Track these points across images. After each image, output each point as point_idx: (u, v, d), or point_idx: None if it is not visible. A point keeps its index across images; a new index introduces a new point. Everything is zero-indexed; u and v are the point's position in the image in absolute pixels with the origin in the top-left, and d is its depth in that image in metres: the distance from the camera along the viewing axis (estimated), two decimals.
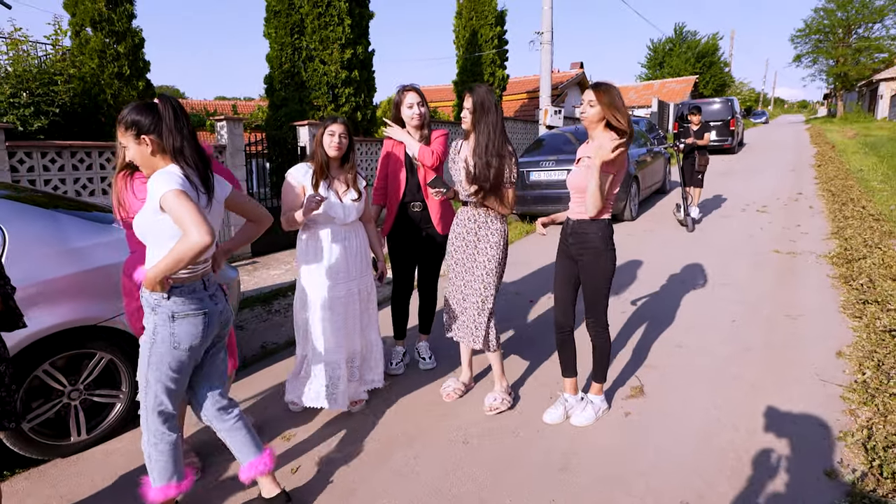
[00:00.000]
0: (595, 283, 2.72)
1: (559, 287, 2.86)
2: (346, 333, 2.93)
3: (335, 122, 2.85)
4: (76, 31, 6.30)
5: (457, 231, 3.01)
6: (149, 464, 2.06)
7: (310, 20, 8.76)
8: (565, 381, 2.97)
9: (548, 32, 12.47)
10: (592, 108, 2.60)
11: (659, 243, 6.76)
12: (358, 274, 2.97)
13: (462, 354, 3.24)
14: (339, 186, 2.89)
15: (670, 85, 32.50)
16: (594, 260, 2.70)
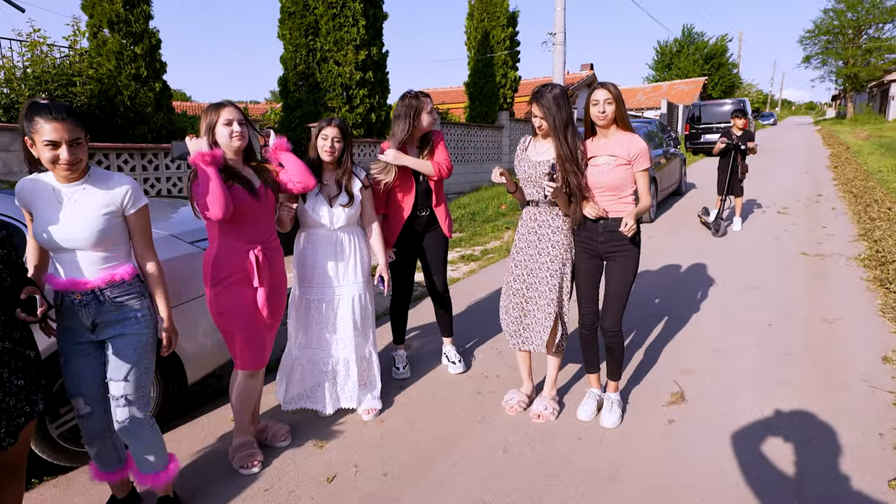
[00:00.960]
0: (624, 282, 2.69)
1: (585, 286, 2.80)
2: (329, 338, 2.89)
3: (329, 125, 2.78)
4: (94, 32, 6.27)
5: (521, 232, 2.90)
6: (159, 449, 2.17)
7: (324, 21, 8.72)
8: (590, 377, 2.98)
9: (560, 33, 12.40)
10: (611, 107, 2.61)
11: (681, 245, 6.65)
12: (349, 280, 2.88)
13: (520, 364, 3.09)
14: (329, 190, 2.83)
15: (679, 86, 32.35)
16: (627, 258, 2.68)
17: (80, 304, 1.94)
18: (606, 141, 2.67)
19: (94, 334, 1.99)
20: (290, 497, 2.36)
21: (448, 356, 3.55)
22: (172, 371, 2.90)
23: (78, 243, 1.89)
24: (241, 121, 2.36)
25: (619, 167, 2.63)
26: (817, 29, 36.70)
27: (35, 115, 1.77)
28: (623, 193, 2.66)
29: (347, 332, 2.90)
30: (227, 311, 2.41)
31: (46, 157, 1.80)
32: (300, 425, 2.93)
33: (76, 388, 2.02)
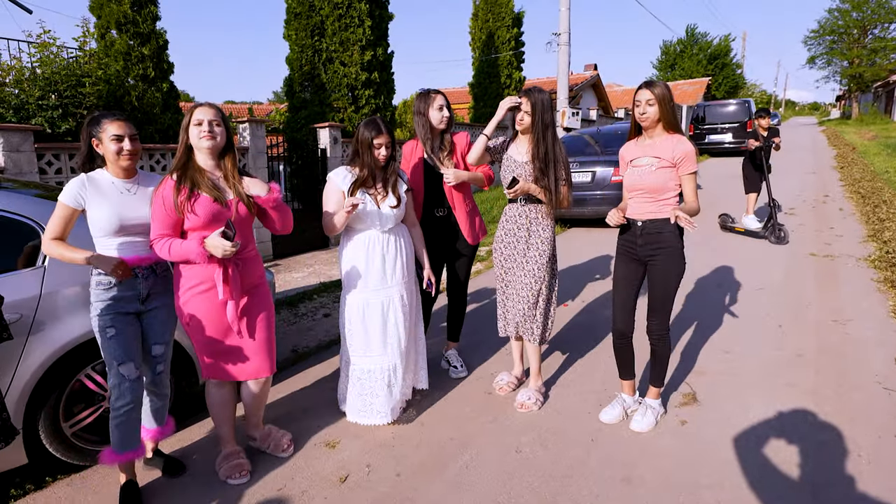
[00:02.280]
0: (667, 285, 2.65)
1: (622, 292, 2.77)
2: (384, 342, 2.83)
3: (381, 135, 2.70)
4: (102, 33, 6.28)
5: (506, 228, 3.01)
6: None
7: (330, 22, 8.72)
8: (623, 383, 2.93)
9: (565, 33, 12.39)
10: (652, 108, 2.56)
11: (688, 246, 6.61)
12: (398, 280, 2.86)
13: (513, 349, 3.25)
14: (377, 192, 2.79)
15: (683, 87, 32.28)
16: (669, 259, 2.64)
17: (143, 276, 2.29)
18: (651, 142, 2.64)
19: (143, 304, 2.32)
20: (303, 497, 2.36)
21: (449, 360, 3.54)
22: (184, 370, 2.91)
23: (140, 228, 2.25)
24: (213, 121, 2.27)
25: (662, 169, 2.58)
26: (822, 29, 36.55)
27: (101, 118, 2.19)
28: (662, 196, 2.61)
29: (401, 331, 2.85)
30: (192, 320, 2.33)
31: (112, 150, 2.18)
32: (312, 425, 2.92)
33: (128, 354, 2.24)
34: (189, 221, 2.23)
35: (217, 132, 2.28)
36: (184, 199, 2.20)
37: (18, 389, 2.30)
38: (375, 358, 2.83)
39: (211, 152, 2.30)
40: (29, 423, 2.40)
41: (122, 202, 2.22)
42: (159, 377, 2.44)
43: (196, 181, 2.25)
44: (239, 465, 2.51)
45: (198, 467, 2.59)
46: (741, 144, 17.07)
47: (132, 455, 2.31)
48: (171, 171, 2.30)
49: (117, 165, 2.22)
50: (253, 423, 2.71)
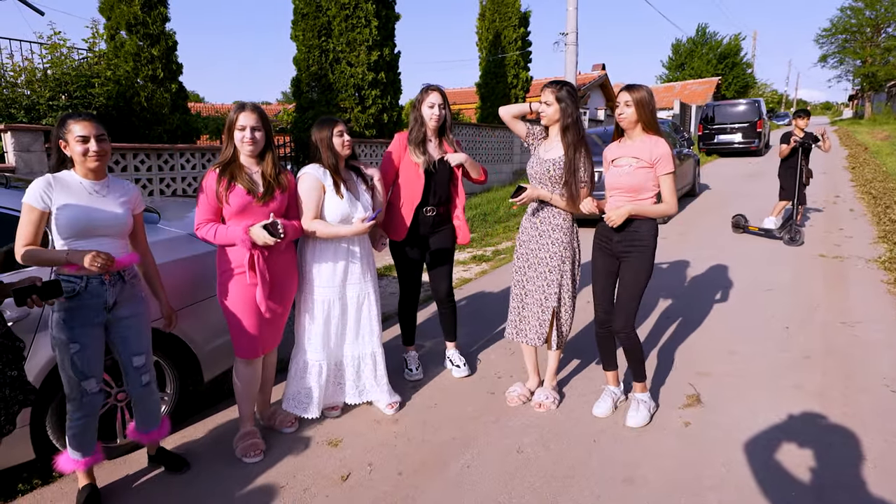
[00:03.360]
0: (637, 282, 2.71)
1: (601, 283, 2.85)
2: (341, 338, 2.90)
3: (338, 123, 2.77)
4: (111, 34, 6.35)
5: (524, 227, 3.00)
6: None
7: (337, 22, 8.76)
8: (608, 374, 3.00)
9: (573, 33, 12.34)
10: (629, 109, 2.65)
11: (694, 246, 6.59)
12: (358, 279, 2.88)
13: (526, 358, 3.16)
14: (353, 187, 2.85)
15: (692, 86, 32.08)
16: (641, 259, 2.71)
17: (110, 283, 2.21)
18: (631, 143, 2.71)
19: (110, 313, 2.24)
20: (305, 494, 2.37)
21: (452, 360, 3.52)
22: (189, 368, 2.93)
23: (110, 230, 2.20)
24: (254, 127, 2.48)
25: (640, 169, 2.65)
26: (834, 27, 36.17)
27: (67, 119, 2.13)
28: (641, 196, 2.67)
29: (359, 330, 2.92)
30: (229, 301, 2.56)
31: (78, 151, 2.12)
32: (315, 423, 2.94)
33: (90, 369, 2.19)
34: (225, 210, 2.49)
35: (258, 137, 2.49)
36: (223, 189, 2.45)
37: None
38: (332, 350, 2.89)
39: (251, 154, 2.53)
40: (36, 419, 2.42)
41: (91, 203, 2.16)
42: (147, 388, 2.39)
43: (234, 174, 2.48)
44: (254, 445, 2.66)
45: (202, 464, 2.61)
46: (751, 144, 16.95)
47: (89, 461, 2.31)
48: (216, 164, 2.52)
49: (85, 167, 2.16)
50: (262, 401, 2.88)
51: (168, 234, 2.94)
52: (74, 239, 2.12)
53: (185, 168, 6.50)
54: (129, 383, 2.37)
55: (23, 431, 2.37)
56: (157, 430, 2.50)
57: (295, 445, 2.74)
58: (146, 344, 2.37)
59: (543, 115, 2.83)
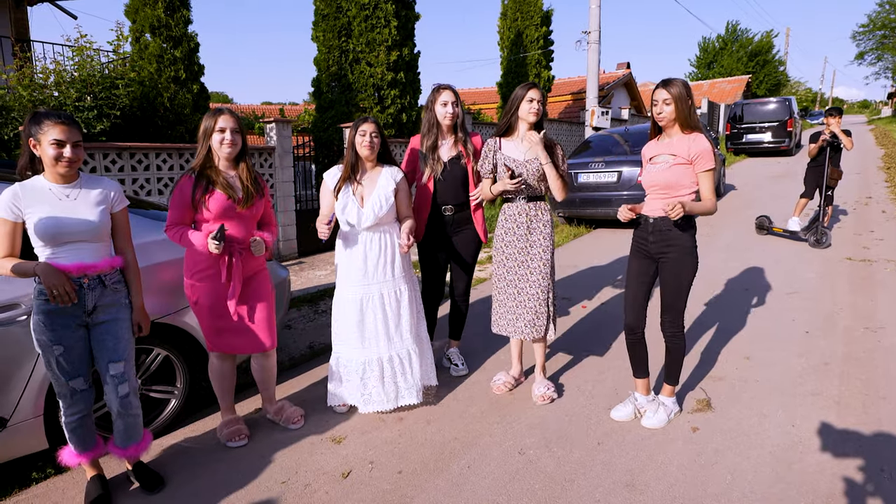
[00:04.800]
0: (679, 283, 2.65)
1: (633, 288, 2.78)
2: (367, 336, 2.91)
3: (366, 122, 2.83)
4: (136, 36, 6.52)
5: (506, 227, 3.02)
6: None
7: (357, 23, 8.82)
8: (637, 382, 2.91)
9: (595, 32, 12.19)
10: (668, 107, 2.57)
11: (718, 248, 6.44)
12: (380, 278, 2.89)
13: (512, 349, 3.25)
14: (364, 190, 2.86)
15: (721, 85, 31.34)
16: (680, 258, 2.63)
17: (89, 286, 2.16)
18: (669, 140, 2.66)
19: (90, 318, 2.19)
20: (306, 490, 2.39)
21: (451, 359, 3.53)
22: (199, 365, 2.99)
23: (84, 235, 2.13)
24: (234, 129, 2.53)
25: (676, 166, 2.58)
26: (872, 23, 34.93)
27: (43, 118, 2.03)
28: (677, 193, 2.59)
29: (380, 328, 2.90)
30: (198, 300, 2.61)
31: (50, 155, 2.04)
32: (321, 420, 2.96)
33: (76, 368, 2.19)
34: (202, 214, 2.50)
35: (237, 140, 2.53)
36: (200, 195, 2.47)
37: (39, 378, 2.40)
38: (353, 350, 2.93)
39: (229, 157, 2.55)
40: (49, 410, 2.50)
41: (62, 209, 2.08)
42: (126, 400, 2.26)
43: (212, 179, 2.50)
44: (238, 430, 2.76)
45: (206, 458, 2.66)
46: (781, 144, 16.47)
47: (91, 455, 2.35)
48: (191, 169, 2.52)
49: (54, 171, 2.08)
50: (267, 397, 2.95)
51: None
52: (49, 247, 2.08)
53: None
54: (106, 393, 2.25)
55: (37, 422, 2.45)
56: (135, 444, 2.37)
57: (299, 442, 2.77)
58: (125, 351, 2.25)
59: (536, 113, 2.91)
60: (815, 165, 6.47)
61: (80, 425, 2.26)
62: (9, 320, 2.30)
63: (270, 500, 2.34)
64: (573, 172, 8.03)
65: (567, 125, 14.97)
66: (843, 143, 6.12)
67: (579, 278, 5.58)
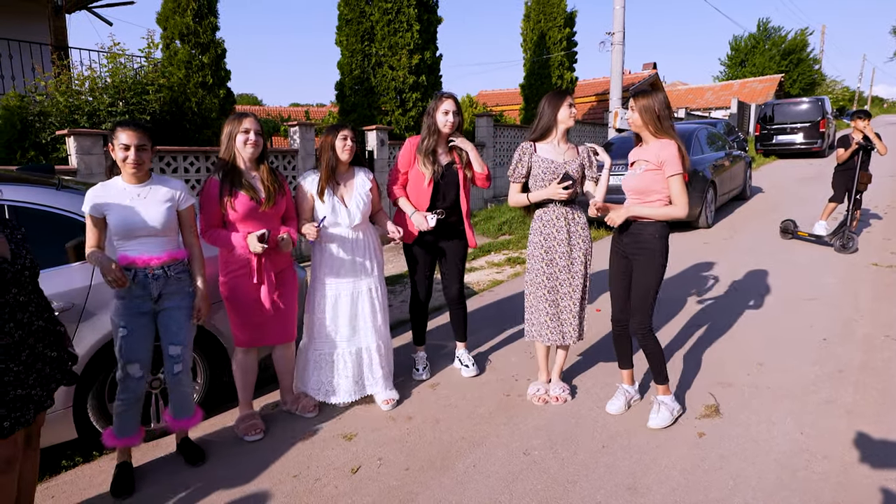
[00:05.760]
0: (646, 284, 2.76)
1: (615, 283, 2.95)
2: (358, 328, 3.07)
3: (345, 127, 2.98)
4: (166, 43, 6.76)
5: (546, 233, 3.01)
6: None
7: (380, 27, 8.96)
8: (622, 373, 3.06)
9: (619, 33, 12.09)
10: (634, 114, 2.75)
11: (738, 252, 6.35)
12: (367, 273, 3.08)
13: (540, 355, 3.21)
14: (344, 191, 3.01)
15: (752, 84, 30.61)
16: (648, 260, 2.74)
17: (153, 276, 2.41)
18: (646, 147, 2.82)
19: (156, 304, 2.45)
20: (316, 485, 2.48)
21: (461, 360, 3.59)
22: (219, 361, 3.12)
23: (150, 230, 2.39)
24: (257, 131, 2.71)
25: (648, 172, 2.74)
26: None
27: (118, 126, 2.36)
28: (649, 198, 2.74)
29: (366, 322, 3.08)
30: (230, 297, 2.80)
31: (119, 158, 2.35)
32: (333, 416, 3.06)
33: (135, 354, 2.42)
34: (229, 215, 2.67)
35: (259, 141, 2.71)
36: (226, 196, 2.65)
37: None
38: (342, 342, 3.06)
39: (252, 158, 2.71)
40: (79, 401, 2.65)
41: (132, 207, 2.37)
42: (177, 377, 2.56)
43: (235, 182, 2.68)
44: (254, 425, 2.90)
45: (224, 451, 2.78)
46: (813, 145, 16.03)
47: (128, 442, 2.52)
48: (216, 172, 2.69)
49: (125, 172, 2.39)
50: (285, 387, 3.12)
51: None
52: (121, 239, 2.38)
53: None
54: (166, 370, 2.57)
55: (66, 413, 2.61)
56: (187, 418, 2.67)
57: (311, 437, 2.87)
58: (185, 336, 2.53)
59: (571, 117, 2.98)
60: (843, 169, 6.35)
61: (125, 411, 2.45)
62: None
63: (282, 492, 2.44)
64: None
65: (590, 126, 14.88)
66: (876, 148, 5.97)
67: (595, 282, 5.57)
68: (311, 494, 2.42)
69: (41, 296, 1.98)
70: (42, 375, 1.92)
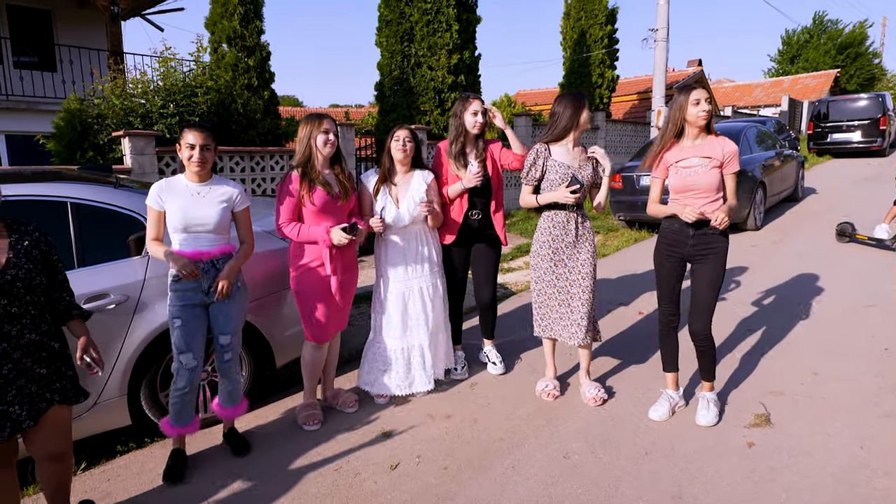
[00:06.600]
0: (713, 285, 2.72)
1: (667, 286, 2.87)
2: (409, 326, 3.14)
3: (401, 128, 3.05)
4: (214, 47, 7.00)
5: (554, 234, 3.03)
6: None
7: (419, 27, 9.02)
8: (667, 377, 2.98)
9: (663, 29, 11.78)
10: (710, 105, 2.65)
11: (790, 256, 6.08)
12: (418, 274, 3.12)
13: (546, 351, 3.28)
14: (399, 192, 3.07)
15: (804, 80, 29.31)
16: (717, 261, 2.69)
17: (204, 270, 2.51)
18: (695, 143, 2.73)
19: (207, 296, 2.54)
20: (356, 479, 2.52)
21: (489, 356, 3.60)
22: (263, 355, 3.20)
23: (205, 227, 2.50)
24: (334, 132, 2.84)
25: (714, 169, 2.67)
26: None
27: (185, 126, 2.52)
28: (716, 195, 2.69)
29: (417, 321, 3.14)
30: (301, 290, 2.88)
31: (185, 157, 2.49)
32: (373, 411, 3.10)
33: (189, 344, 2.51)
34: (306, 209, 2.81)
35: (336, 141, 2.86)
36: (304, 191, 2.78)
37: (124, 361, 2.67)
38: (396, 339, 3.14)
39: (329, 156, 2.84)
40: (132, 390, 2.77)
41: (191, 203, 2.48)
42: (227, 365, 2.67)
43: (313, 178, 2.81)
44: (314, 415, 3.00)
45: (269, 442, 2.85)
46: (872, 144, 15.20)
47: (183, 430, 2.63)
48: (295, 167, 2.84)
49: (189, 170, 2.51)
50: (327, 382, 3.21)
51: None
52: (179, 233, 2.50)
53: (275, 169, 7.02)
54: (216, 359, 2.68)
55: (122, 401, 2.73)
56: (233, 407, 2.77)
57: (352, 431, 2.91)
58: (234, 326, 2.63)
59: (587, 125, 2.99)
60: None
61: (179, 401, 2.55)
62: (99, 308, 2.57)
63: (323, 485, 2.48)
64: (635, 175, 7.83)
65: (631, 126, 14.55)
66: None
67: (637, 283, 5.45)
68: (351, 488, 2.45)
69: (41, 308, 1.91)
70: (24, 393, 1.83)
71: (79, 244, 2.65)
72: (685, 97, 2.66)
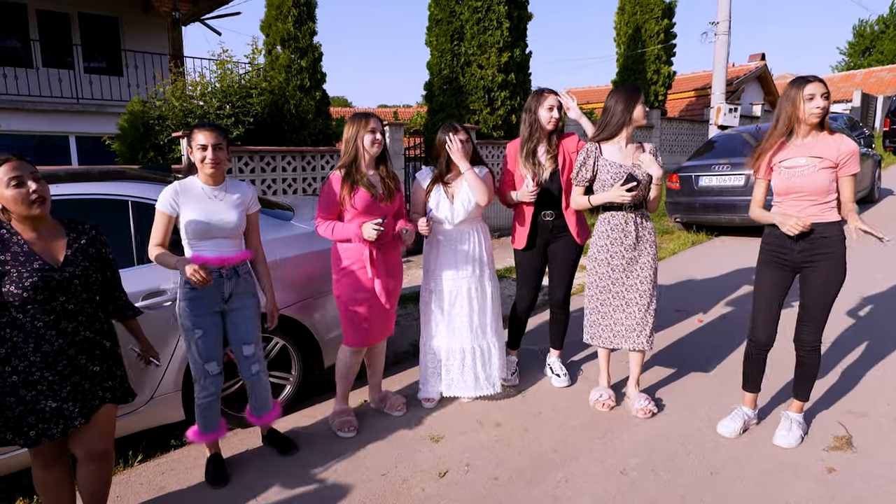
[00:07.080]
0: (827, 293, 2.47)
1: (768, 302, 2.60)
2: (455, 327, 3.05)
3: (453, 125, 2.96)
4: (269, 49, 7.14)
5: (612, 237, 2.89)
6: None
7: (469, 26, 8.92)
8: (746, 395, 2.76)
9: (724, 22, 11.23)
10: (826, 101, 2.37)
11: (867, 263, 5.64)
12: (467, 274, 3.03)
13: (602, 360, 3.14)
14: (455, 188, 3.00)
15: (879, 74, 27.34)
16: (832, 266, 2.46)
17: (227, 276, 2.43)
18: (804, 141, 2.46)
19: (226, 304, 2.46)
20: (404, 485, 2.46)
21: (552, 368, 3.44)
22: (313, 356, 3.20)
23: (225, 232, 2.41)
24: (381, 131, 2.77)
25: (825, 170, 2.39)
26: None
27: (195, 127, 2.40)
28: (827, 198, 2.44)
29: (462, 323, 3.05)
30: (342, 294, 2.81)
31: (197, 158, 2.36)
32: (421, 417, 3.04)
33: (211, 353, 2.44)
34: (348, 211, 2.73)
35: (382, 141, 2.79)
36: (346, 192, 2.70)
37: (179, 358, 2.71)
38: (442, 340, 3.08)
39: (375, 156, 2.77)
40: (186, 387, 2.81)
41: (210, 207, 2.37)
42: (256, 376, 2.57)
43: (356, 179, 2.73)
44: (349, 422, 2.92)
45: (317, 443, 2.83)
46: None
47: (213, 436, 2.57)
48: (338, 167, 2.77)
49: (203, 172, 2.38)
50: (374, 384, 3.17)
51: (299, 230, 3.23)
52: (196, 240, 2.37)
53: (325, 168, 7.10)
54: (241, 371, 2.58)
55: (176, 396, 2.77)
56: (267, 414, 2.70)
57: (399, 437, 2.86)
58: (255, 334, 2.54)
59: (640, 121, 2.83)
60: None
61: (208, 407, 2.51)
62: (155, 305, 2.62)
63: (370, 490, 2.44)
64: (693, 175, 7.47)
65: (688, 124, 13.98)
66: None
67: (696, 289, 5.18)
68: (399, 495, 2.39)
69: (96, 306, 1.94)
70: (78, 390, 1.84)
71: (138, 242, 2.71)
72: (798, 91, 2.38)
